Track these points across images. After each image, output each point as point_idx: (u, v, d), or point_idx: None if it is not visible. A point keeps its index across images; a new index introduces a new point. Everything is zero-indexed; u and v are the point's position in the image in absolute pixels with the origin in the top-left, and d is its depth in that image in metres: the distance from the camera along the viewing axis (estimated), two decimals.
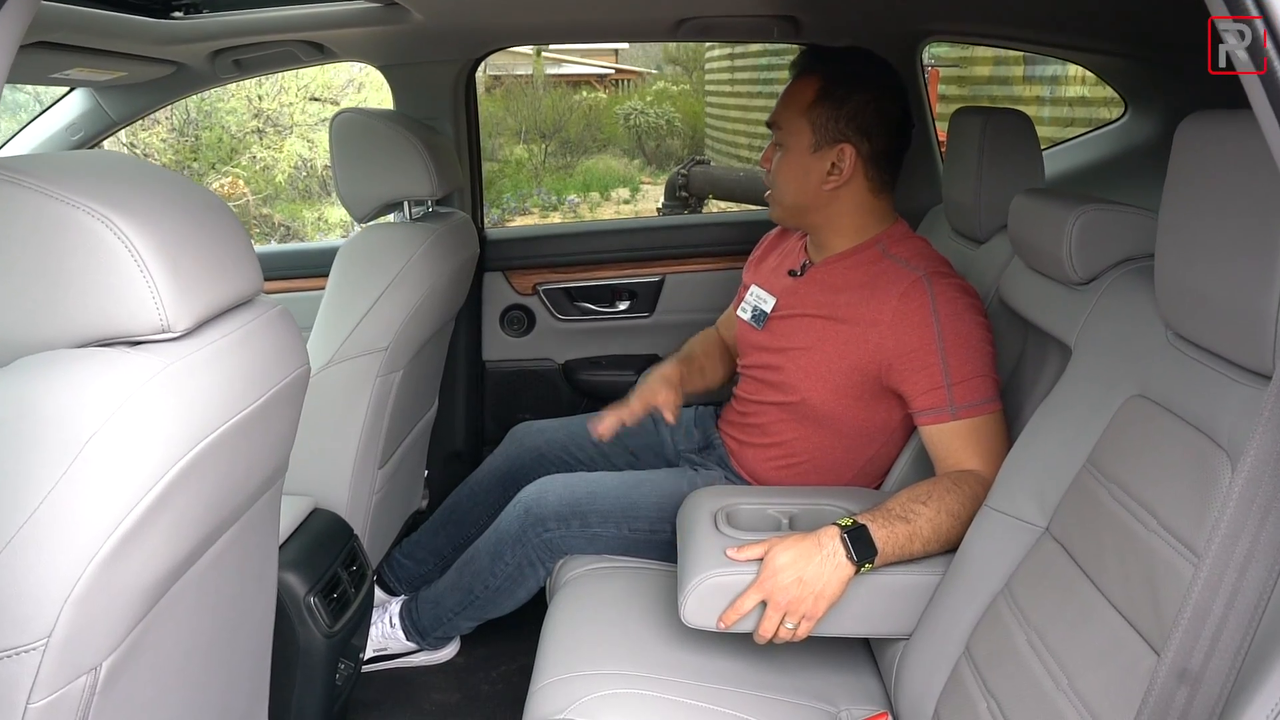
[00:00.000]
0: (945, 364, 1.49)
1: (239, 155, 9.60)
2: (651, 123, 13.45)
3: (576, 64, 16.77)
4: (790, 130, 1.65)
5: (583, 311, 2.50)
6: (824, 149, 1.62)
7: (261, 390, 1.01)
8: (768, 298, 1.75)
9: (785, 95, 1.67)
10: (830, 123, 1.61)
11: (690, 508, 1.57)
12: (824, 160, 1.62)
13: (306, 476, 1.72)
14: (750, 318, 1.78)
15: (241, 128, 9.54)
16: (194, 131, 9.44)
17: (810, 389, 1.63)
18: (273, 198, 9.53)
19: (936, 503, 1.39)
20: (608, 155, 13.19)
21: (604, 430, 1.75)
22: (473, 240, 2.08)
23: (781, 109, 1.68)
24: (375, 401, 1.74)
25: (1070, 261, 1.31)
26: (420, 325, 1.79)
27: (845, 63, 1.65)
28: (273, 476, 1.17)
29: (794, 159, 1.65)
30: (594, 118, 13.63)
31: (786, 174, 1.67)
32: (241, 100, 9.44)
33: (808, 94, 1.62)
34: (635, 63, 19.61)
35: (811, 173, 1.63)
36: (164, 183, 0.97)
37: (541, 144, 12.72)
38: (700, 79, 13.95)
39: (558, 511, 1.74)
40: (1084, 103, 4.76)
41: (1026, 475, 1.27)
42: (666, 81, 16.08)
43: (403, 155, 1.78)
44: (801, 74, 1.66)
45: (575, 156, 12.80)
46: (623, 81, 16.61)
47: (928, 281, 1.53)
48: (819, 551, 1.32)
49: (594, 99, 14.40)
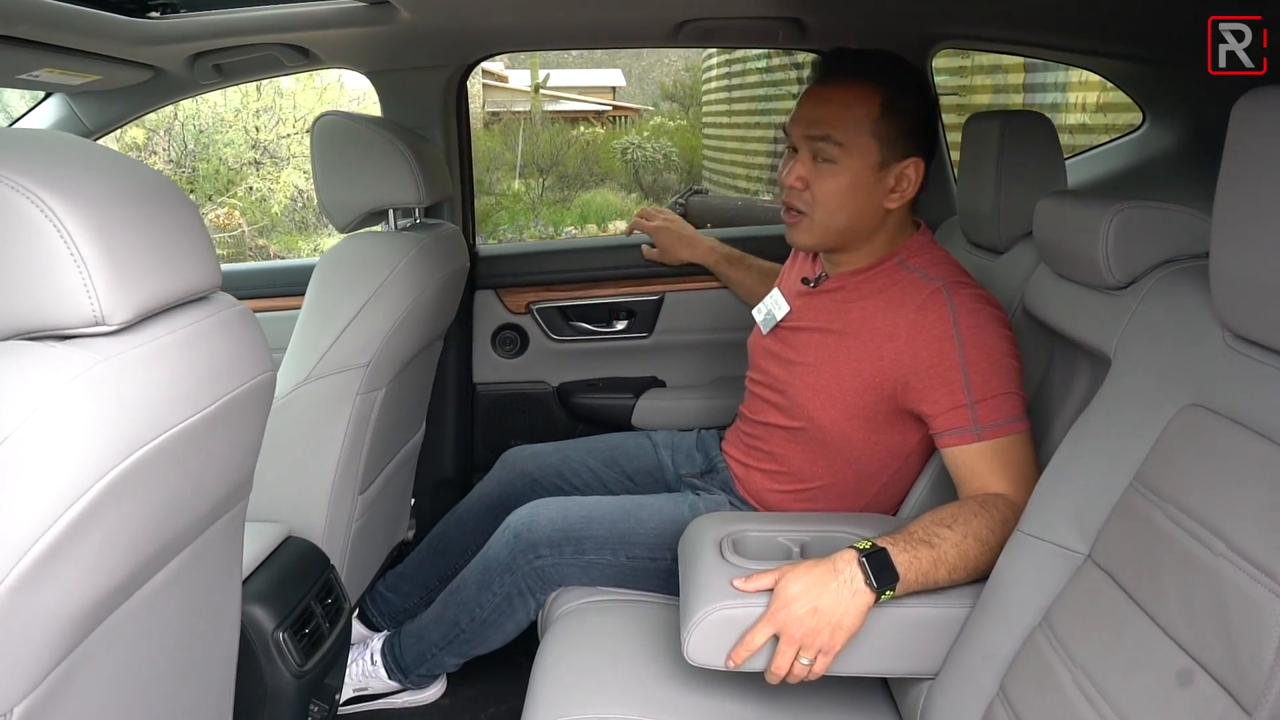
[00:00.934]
0: (967, 380, 1.38)
1: (235, 186, 9.61)
2: (649, 157, 13.52)
3: (574, 101, 16.93)
4: (851, 148, 1.47)
5: (578, 331, 2.39)
6: (892, 165, 1.49)
7: (213, 396, 0.90)
8: (783, 304, 1.66)
9: (831, 105, 1.48)
10: (899, 138, 1.47)
11: (693, 535, 1.45)
12: (889, 176, 1.49)
13: (279, 501, 1.60)
14: (762, 319, 1.68)
15: (239, 159, 9.57)
16: (191, 163, 9.48)
17: (818, 411, 1.52)
18: (269, 229, 9.53)
19: (962, 527, 1.27)
20: (605, 189, 13.24)
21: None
22: (462, 252, 1.97)
23: (836, 123, 1.47)
24: (355, 421, 1.62)
25: (1106, 264, 1.21)
26: (405, 340, 1.68)
27: (889, 66, 1.51)
28: (231, 496, 1.06)
29: (852, 177, 1.48)
30: (591, 152, 13.72)
31: (840, 195, 1.49)
32: (239, 132, 9.47)
33: (871, 107, 1.46)
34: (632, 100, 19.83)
35: (875, 191, 1.50)
36: (109, 162, 0.87)
37: (539, 178, 12.78)
38: (697, 114, 14.05)
39: (550, 537, 1.62)
40: (1084, 130, 4.70)
41: (1064, 497, 1.15)
42: (663, 117, 16.22)
43: (388, 161, 1.68)
44: (843, 80, 1.49)
45: (572, 190, 12.87)
46: (620, 118, 16.76)
47: (947, 292, 1.43)
48: (835, 578, 1.21)
49: (591, 134, 14.50)
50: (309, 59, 1.95)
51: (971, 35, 2.08)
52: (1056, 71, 5.10)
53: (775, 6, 1.81)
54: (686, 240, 2.24)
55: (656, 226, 2.26)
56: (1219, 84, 1.96)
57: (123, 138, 9.08)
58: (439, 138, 2.15)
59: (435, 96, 2.13)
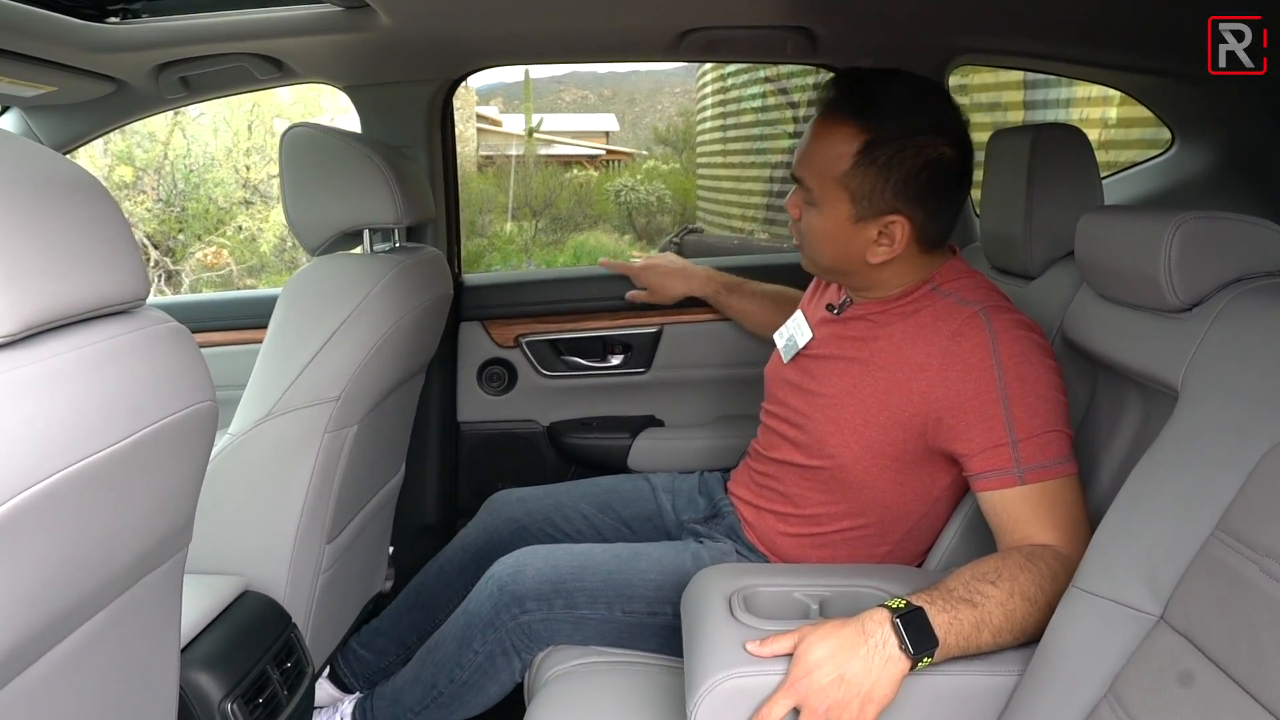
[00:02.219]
0: (1009, 416, 1.23)
1: (225, 225, 9.57)
2: (642, 199, 13.56)
3: (567, 145, 17.04)
4: (822, 196, 1.35)
5: (570, 367, 2.25)
6: (868, 220, 1.33)
7: (130, 428, 0.75)
8: (806, 329, 1.51)
9: (813, 144, 1.35)
10: (875, 194, 1.31)
11: (698, 590, 1.30)
12: (868, 230, 1.34)
13: (236, 550, 1.44)
14: (783, 345, 1.54)
15: (229, 198, 9.52)
16: (181, 202, 9.45)
17: (839, 448, 1.37)
18: (258, 269, 9.47)
19: (1008, 583, 1.12)
20: (598, 231, 13.27)
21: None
22: (445, 279, 1.83)
23: (807, 165, 1.36)
24: (323, 461, 1.47)
25: (1169, 284, 1.07)
26: (380, 373, 1.53)
27: (890, 102, 1.31)
28: (162, 547, 0.90)
29: (828, 226, 1.36)
30: (584, 195, 13.76)
31: (821, 237, 1.38)
32: (229, 170, 9.43)
33: (843, 154, 1.31)
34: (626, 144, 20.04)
35: (853, 243, 1.35)
36: (13, 150, 0.72)
37: (532, 220, 12.78)
38: (690, 158, 14.12)
39: (537, 589, 1.46)
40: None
41: (1129, 548, 1.00)
42: (657, 160, 16.33)
43: (363, 177, 1.54)
44: (832, 116, 1.33)
45: (565, 232, 12.86)
46: (613, 162, 16.86)
47: (985, 316, 1.28)
48: (864, 642, 1.06)
49: (585, 177, 14.56)
50: (283, 72, 1.82)
51: (994, 49, 1.96)
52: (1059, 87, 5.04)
53: (783, 15, 1.69)
54: (678, 273, 2.07)
55: (640, 268, 2.10)
56: (1258, 100, 1.86)
57: (110, 176, 9.03)
58: (422, 157, 2.02)
59: (419, 113, 2.00)
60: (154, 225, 9.39)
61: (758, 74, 9.98)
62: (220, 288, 9.16)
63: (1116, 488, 1.28)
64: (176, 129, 9.32)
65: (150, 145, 9.39)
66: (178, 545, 0.94)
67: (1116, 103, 4.63)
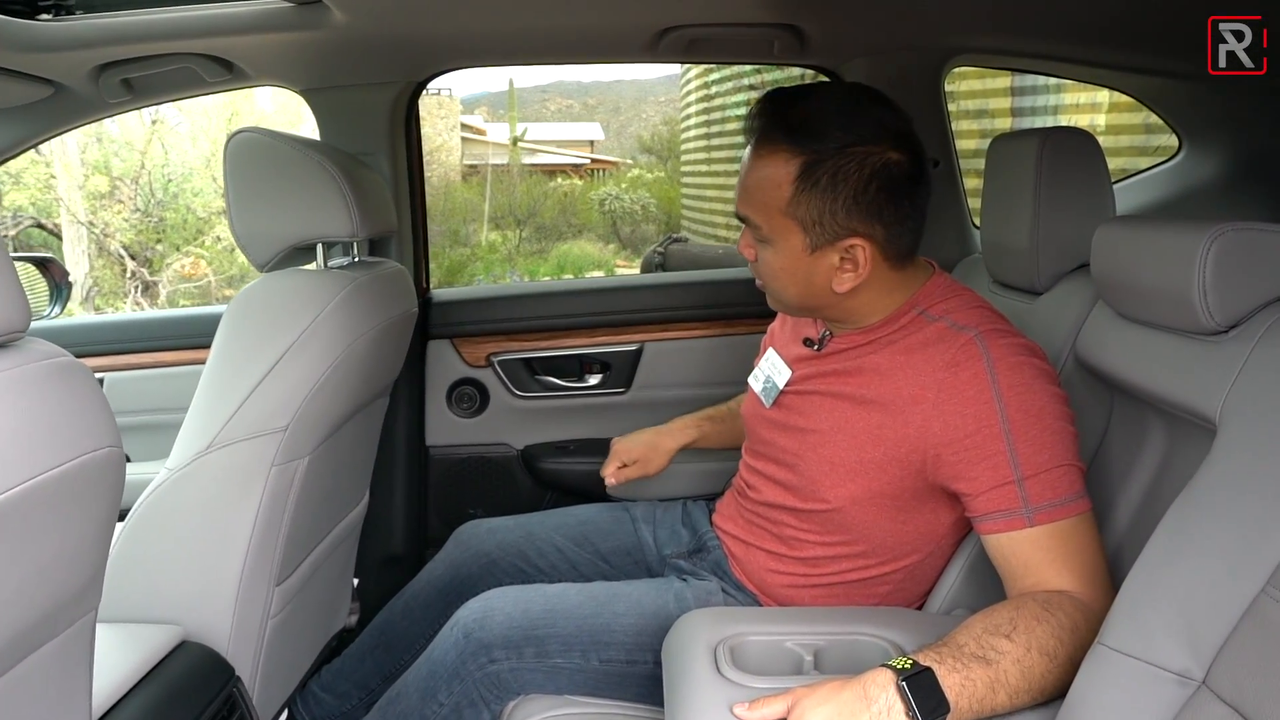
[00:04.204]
0: (1013, 451, 1.12)
1: (204, 236, 9.46)
2: (627, 208, 13.53)
3: (552, 153, 17.01)
4: (771, 229, 1.23)
5: (545, 387, 2.13)
6: (825, 248, 1.21)
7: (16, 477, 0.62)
8: (783, 369, 1.38)
9: (750, 177, 1.23)
10: (825, 218, 1.19)
11: (681, 639, 1.18)
12: (829, 257, 1.22)
13: (173, 597, 1.32)
14: (761, 389, 1.41)
15: (207, 208, 9.41)
16: (159, 212, 9.33)
17: (833, 489, 1.25)
18: (237, 279, 9.36)
19: (1024, 636, 1.01)
20: (583, 240, 13.22)
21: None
22: (408, 295, 1.70)
23: (749, 202, 1.24)
24: (270, 497, 1.34)
25: (1203, 303, 0.96)
26: (333, 400, 1.41)
27: (820, 116, 1.19)
28: (55, 616, 0.77)
29: (785, 261, 1.24)
30: (569, 204, 13.72)
31: (781, 277, 1.26)
32: (208, 180, 9.31)
33: (782, 182, 1.19)
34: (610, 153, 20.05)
35: (815, 274, 1.23)
36: None
37: (516, 229, 12.71)
38: (675, 166, 14.09)
39: (506, 636, 1.34)
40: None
41: (1164, 603, 0.89)
42: (641, 169, 16.32)
43: (316, 185, 1.41)
44: (764, 143, 1.21)
45: (550, 241, 12.80)
46: (598, 171, 16.85)
47: (981, 343, 1.16)
48: (866, 707, 0.95)
49: (569, 186, 14.53)
50: (234, 74, 1.70)
51: (993, 48, 1.85)
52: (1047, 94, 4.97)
53: (770, 12, 1.57)
54: (657, 444, 1.69)
55: (617, 467, 1.66)
56: (1266, 103, 1.76)
57: (85, 185, 8.88)
58: (385, 165, 1.90)
59: (381, 118, 1.88)
60: (131, 235, 9.27)
61: (742, 81, 9.92)
62: (198, 299, 9.02)
63: (1137, 526, 1.17)
64: (155, 138, 9.20)
65: (128, 154, 9.27)
66: (78, 612, 0.82)
67: (1105, 109, 4.56)
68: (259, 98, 9.24)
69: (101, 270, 9.32)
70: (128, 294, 9.30)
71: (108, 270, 9.37)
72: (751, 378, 1.46)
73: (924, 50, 1.82)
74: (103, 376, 2.09)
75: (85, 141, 8.97)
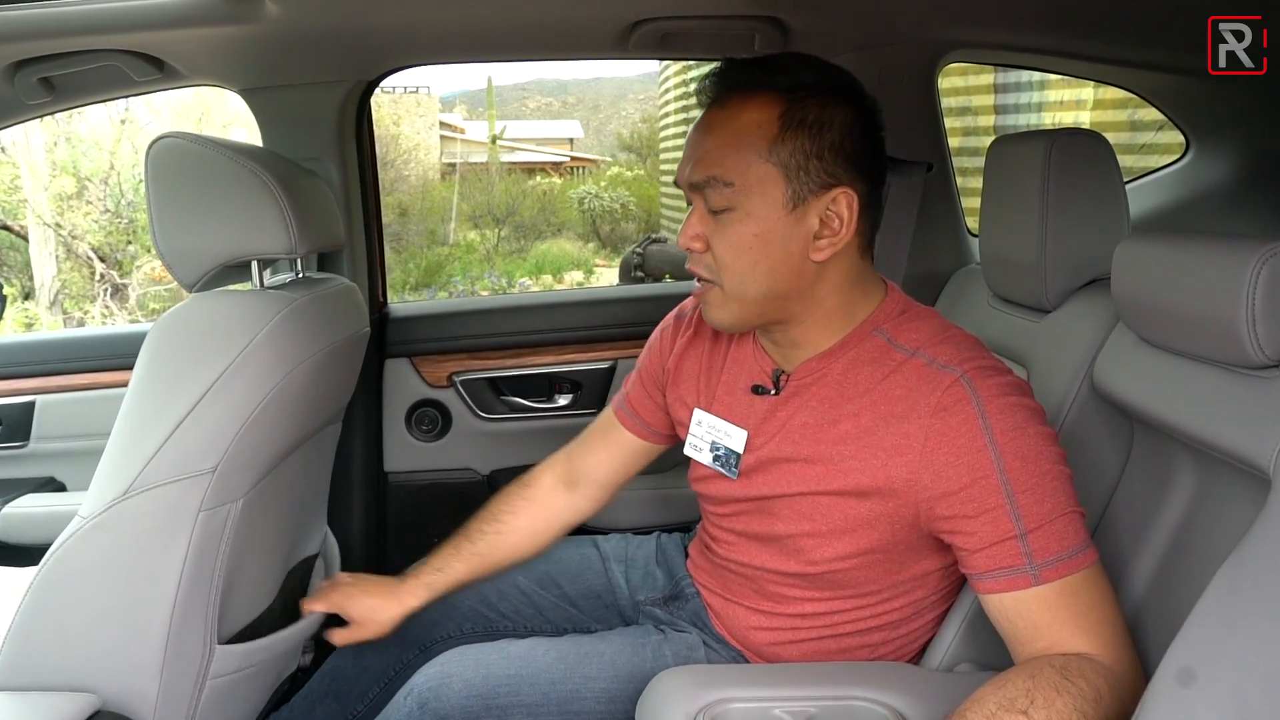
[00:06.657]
0: (1013, 504, 0.99)
1: None
2: (606, 206, 13.45)
3: (531, 151, 16.94)
4: (746, 184, 1.07)
5: (512, 408, 2.02)
6: (809, 201, 1.07)
7: None
8: (733, 431, 1.21)
9: (722, 132, 1.08)
10: (813, 161, 1.05)
11: (657, 706, 1.06)
12: (809, 218, 1.07)
13: (87, 661, 1.17)
14: (714, 460, 1.23)
15: None
16: (130, 214, 9.14)
17: (816, 549, 1.12)
18: None
19: (1043, 711, 0.89)
20: (562, 239, 13.13)
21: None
22: (358, 314, 1.56)
23: (720, 160, 1.08)
24: (198, 548, 1.20)
25: (1251, 333, 0.84)
26: (269, 436, 1.26)
27: (795, 61, 1.10)
28: None
29: (758, 224, 1.07)
30: (548, 202, 13.63)
31: (748, 250, 1.08)
32: None
33: (765, 123, 1.06)
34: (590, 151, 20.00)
35: (792, 239, 1.07)
36: None
37: (495, 228, 12.59)
38: (654, 164, 14.01)
39: (464, 707, 1.20)
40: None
41: (1213, 684, 0.76)
42: (621, 167, 16.25)
43: (249, 197, 1.27)
44: (742, 90, 1.09)
45: (529, 240, 12.71)
46: (577, 169, 16.80)
47: (969, 384, 1.02)
48: None
49: (549, 184, 14.46)
50: (165, 73, 1.55)
51: (988, 42, 1.73)
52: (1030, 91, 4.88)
53: (750, 4, 1.45)
54: (376, 613, 1.41)
55: (330, 603, 1.44)
56: (1274, 102, 1.65)
57: (50, 186, 8.67)
58: (334, 172, 1.75)
59: (328, 121, 1.73)
60: (101, 237, 9.07)
61: None
62: (169, 301, 8.82)
63: (1164, 574, 1.05)
64: (124, 138, 9.00)
65: (96, 154, 9.07)
66: None
67: (1090, 107, 4.47)
68: (232, 96, 9.05)
69: (70, 273, 9.13)
70: (97, 297, 9.11)
71: (76, 273, 9.17)
72: (692, 450, 1.27)
73: (917, 45, 1.70)
74: (34, 400, 1.94)
75: (52, 141, 8.77)
